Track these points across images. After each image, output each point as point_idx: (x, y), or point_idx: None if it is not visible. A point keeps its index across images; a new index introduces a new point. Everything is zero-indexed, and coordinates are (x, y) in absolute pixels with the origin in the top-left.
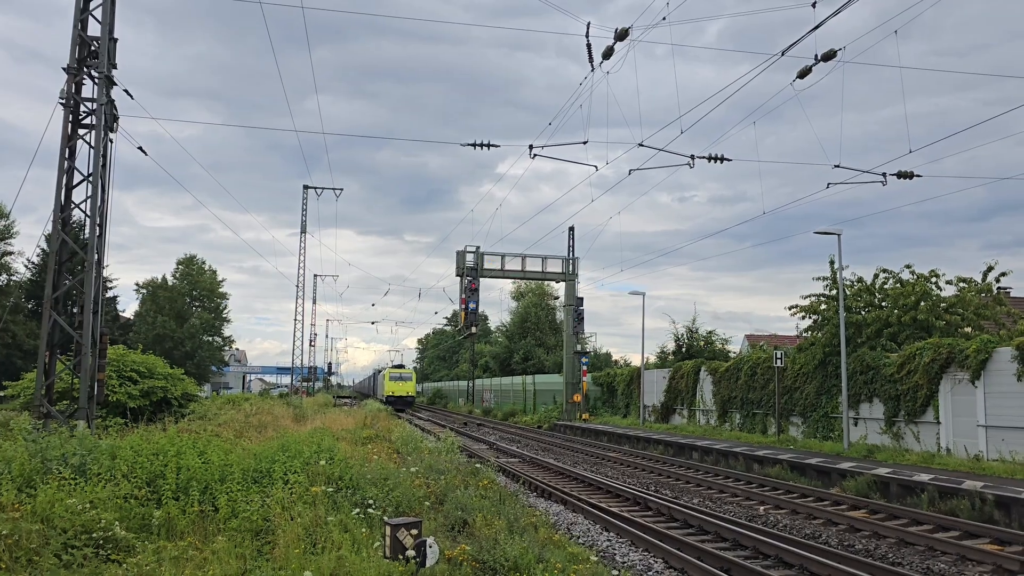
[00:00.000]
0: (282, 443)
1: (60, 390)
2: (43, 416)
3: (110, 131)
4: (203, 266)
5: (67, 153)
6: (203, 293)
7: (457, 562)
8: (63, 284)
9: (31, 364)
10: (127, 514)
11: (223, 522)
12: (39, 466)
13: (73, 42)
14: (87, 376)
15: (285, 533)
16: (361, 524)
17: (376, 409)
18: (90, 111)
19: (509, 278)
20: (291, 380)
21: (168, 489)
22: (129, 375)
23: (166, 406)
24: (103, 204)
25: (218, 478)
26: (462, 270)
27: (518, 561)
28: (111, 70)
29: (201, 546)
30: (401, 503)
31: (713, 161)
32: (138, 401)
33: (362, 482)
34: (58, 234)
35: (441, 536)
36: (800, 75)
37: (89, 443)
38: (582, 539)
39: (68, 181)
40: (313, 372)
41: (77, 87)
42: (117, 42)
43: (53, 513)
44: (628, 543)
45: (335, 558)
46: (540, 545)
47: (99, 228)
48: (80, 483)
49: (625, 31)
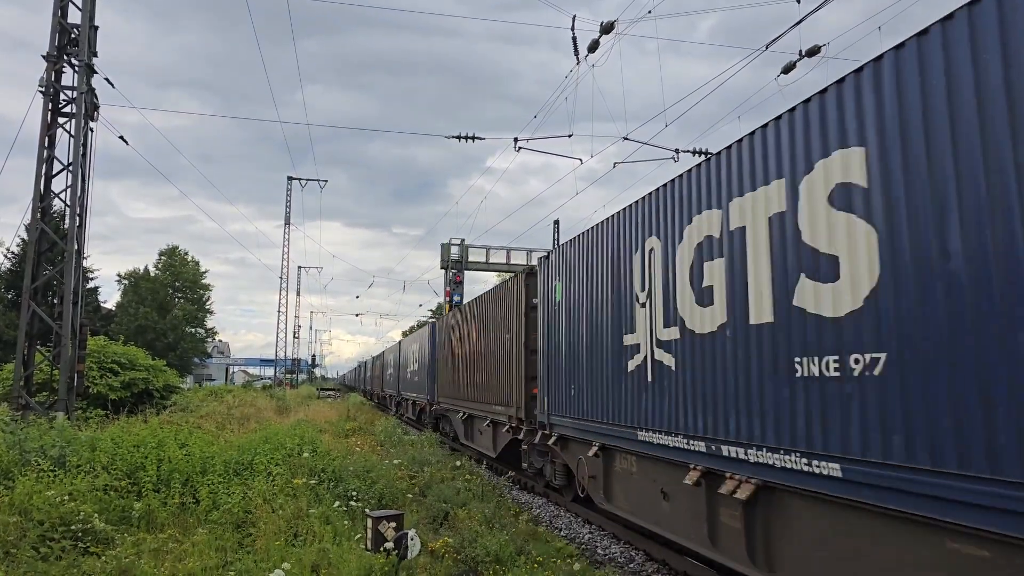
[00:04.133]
0: (264, 435)
1: (40, 381)
2: (22, 407)
3: (90, 120)
4: (186, 257)
5: (46, 142)
6: (186, 284)
7: (439, 555)
8: (42, 274)
9: (10, 355)
10: (107, 506)
11: (204, 514)
12: (17, 458)
13: (53, 29)
14: (67, 367)
15: (266, 525)
16: (343, 516)
17: (359, 401)
18: (70, 99)
19: (494, 271)
20: (274, 372)
21: (148, 481)
22: (110, 366)
23: (147, 398)
24: (83, 194)
25: (199, 470)
26: (447, 263)
27: (499, 554)
28: (91, 58)
29: (181, 538)
30: (384, 495)
31: (697, 155)
32: (119, 393)
33: (344, 474)
34: (37, 224)
35: (423, 529)
36: (784, 71)
37: (68, 435)
38: (564, 532)
39: (48, 170)
40: (297, 364)
41: (57, 75)
42: (98, 30)
43: (31, 505)
44: (609, 535)
45: (317, 550)
46: (522, 538)
47: (79, 218)
48: (59, 475)
49: (611, 24)
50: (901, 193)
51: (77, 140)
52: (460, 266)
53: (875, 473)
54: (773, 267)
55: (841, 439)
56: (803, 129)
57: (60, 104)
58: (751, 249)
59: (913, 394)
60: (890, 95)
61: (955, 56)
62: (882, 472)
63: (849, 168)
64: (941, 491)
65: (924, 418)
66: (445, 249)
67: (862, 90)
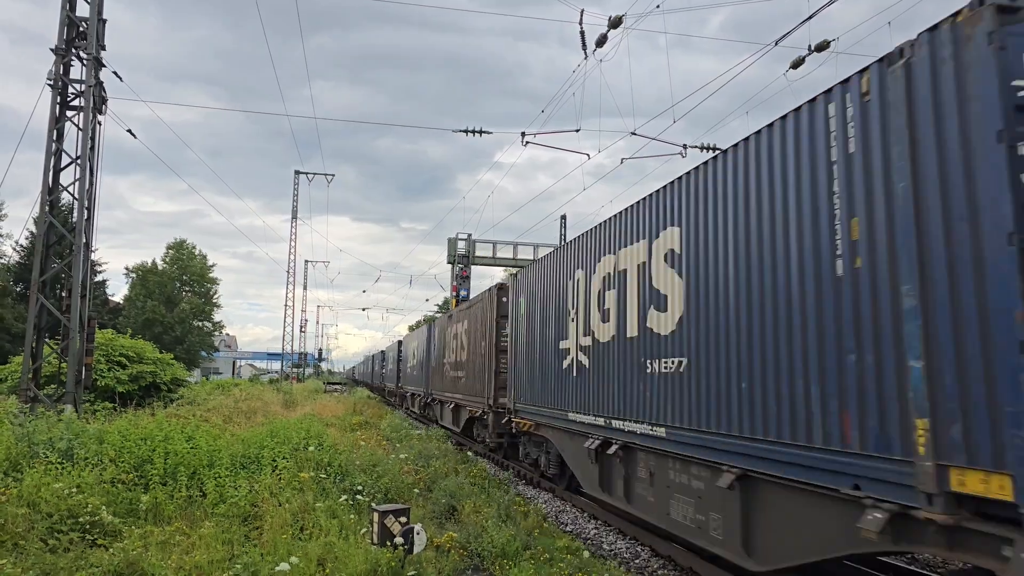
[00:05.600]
0: (271, 429)
1: (48, 374)
2: (30, 400)
3: (98, 113)
4: (193, 251)
5: (55, 135)
6: (193, 278)
7: (444, 549)
8: (51, 268)
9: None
10: (114, 499)
11: (211, 507)
12: (25, 450)
13: (61, 23)
14: (75, 360)
15: (273, 519)
16: (349, 510)
17: (366, 396)
18: (78, 93)
19: (500, 265)
20: (281, 366)
21: (156, 474)
22: (118, 360)
23: (155, 391)
24: (91, 187)
25: (206, 463)
26: (454, 257)
27: (505, 548)
28: (99, 51)
29: (188, 531)
30: (390, 490)
31: (705, 151)
32: (126, 386)
33: (351, 468)
34: (45, 217)
35: (429, 523)
36: (793, 66)
37: (76, 427)
38: (570, 527)
39: (56, 164)
40: (304, 358)
41: (65, 68)
42: (106, 23)
43: (39, 497)
44: (615, 531)
45: (323, 544)
46: (527, 533)
47: (87, 211)
48: (67, 467)
49: (619, 19)
50: (696, 258)
51: (85, 133)
52: (467, 261)
53: (680, 433)
54: (639, 299)
55: (666, 412)
56: (654, 208)
57: (68, 97)
58: (629, 286)
59: (700, 384)
60: (689, 197)
61: (720, 177)
62: (685, 432)
63: (673, 239)
64: (716, 444)
65: (704, 399)
66: (452, 244)
67: (680, 191)
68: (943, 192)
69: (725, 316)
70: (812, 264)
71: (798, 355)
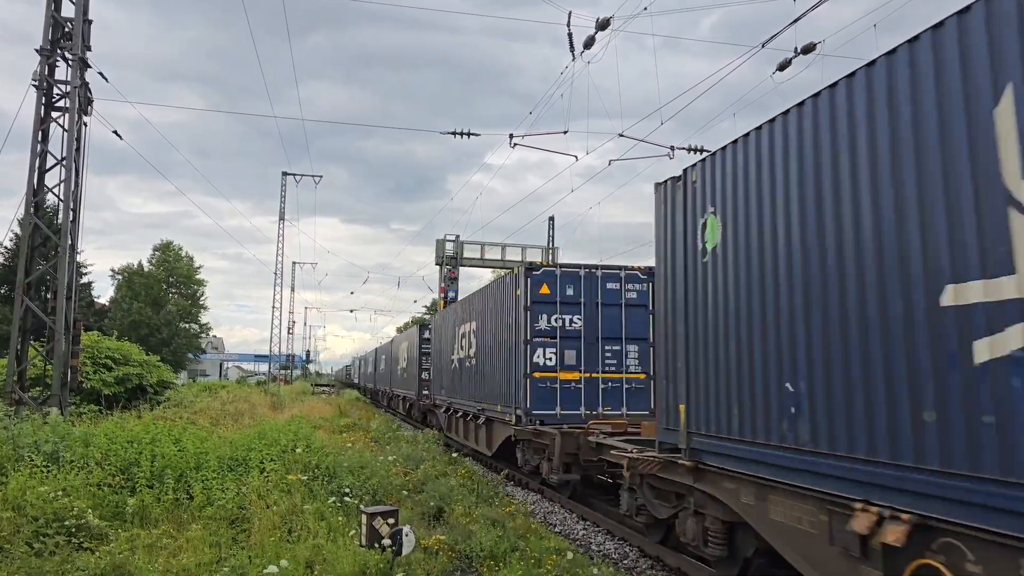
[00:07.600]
0: (259, 431)
1: (33, 376)
2: (15, 403)
3: (84, 114)
4: (179, 252)
5: (40, 136)
6: (180, 280)
7: (433, 551)
8: (36, 269)
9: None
10: (100, 502)
11: (198, 510)
12: (11, 453)
13: (46, 23)
14: (60, 362)
15: (261, 521)
16: (337, 512)
17: (354, 397)
18: (63, 94)
19: (488, 267)
20: (269, 368)
21: (142, 477)
22: (104, 362)
23: (141, 393)
24: (77, 188)
25: (193, 466)
26: (442, 259)
27: (494, 550)
28: (85, 52)
29: (176, 534)
30: (378, 491)
31: (692, 152)
32: (113, 388)
33: (339, 470)
34: (30, 218)
35: (418, 525)
36: (780, 68)
37: (62, 430)
38: (558, 528)
39: (41, 165)
40: (291, 360)
41: (51, 69)
42: (92, 24)
43: (25, 501)
44: (603, 532)
45: (311, 546)
46: (516, 535)
47: (73, 213)
48: (53, 470)
49: (606, 21)
50: (484, 331)
51: (71, 135)
52: (455, 262)
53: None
54: (470, 343)
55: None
56: (465, 305)
57: (54, 98)
58: (466, 337)
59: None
60: (484, 301)
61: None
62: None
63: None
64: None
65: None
66: (440, 245)
67: (474, 302)
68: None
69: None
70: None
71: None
